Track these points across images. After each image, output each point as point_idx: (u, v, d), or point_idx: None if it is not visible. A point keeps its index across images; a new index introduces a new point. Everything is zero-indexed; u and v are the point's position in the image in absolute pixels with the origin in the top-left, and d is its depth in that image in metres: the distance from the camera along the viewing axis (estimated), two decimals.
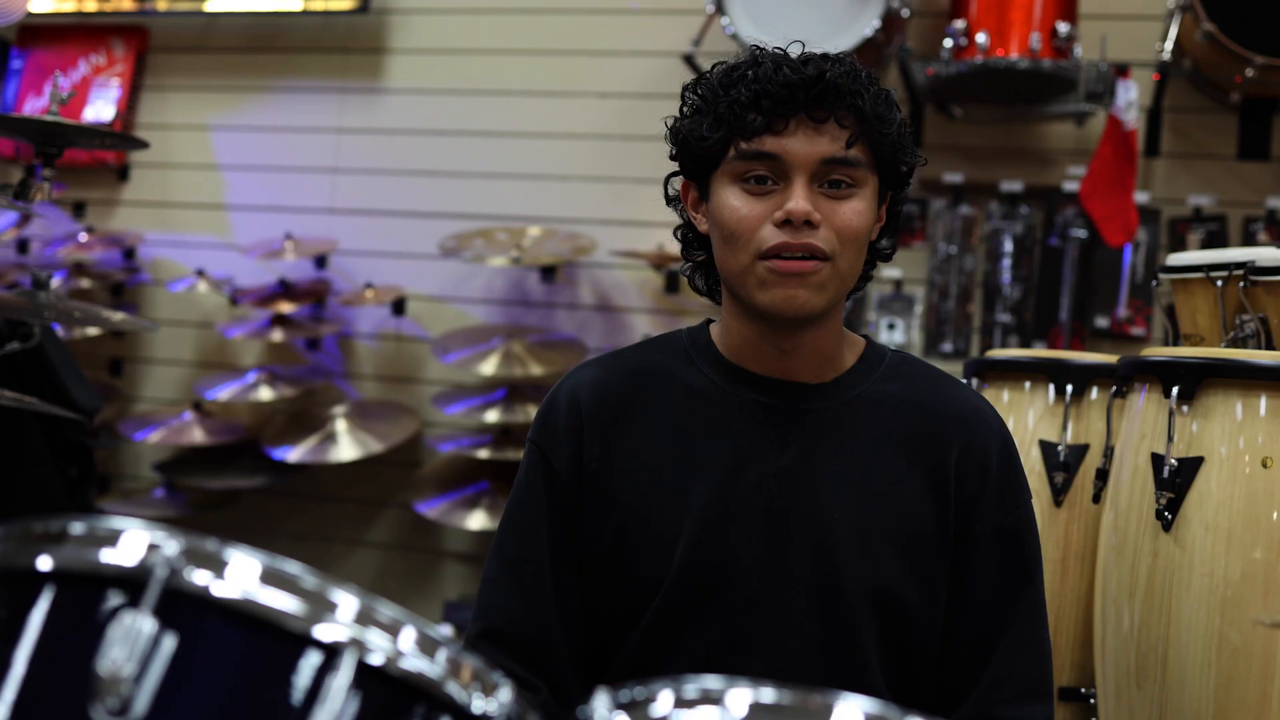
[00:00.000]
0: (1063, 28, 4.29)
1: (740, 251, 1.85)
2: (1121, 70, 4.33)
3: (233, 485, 5.30)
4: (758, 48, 1.91)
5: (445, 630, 4.73)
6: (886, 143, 1.87)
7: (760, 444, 1.92)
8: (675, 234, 2.05)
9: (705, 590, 1.89)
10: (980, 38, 4.30)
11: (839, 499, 1.90)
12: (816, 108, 1.82)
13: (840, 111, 1.83)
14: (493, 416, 4.87)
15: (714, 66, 1.94)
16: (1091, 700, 2.90)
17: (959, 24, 4.36)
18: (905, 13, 4.47)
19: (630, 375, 2.01)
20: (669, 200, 2.05)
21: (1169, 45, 4.26)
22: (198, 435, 5.22)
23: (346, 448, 5.04)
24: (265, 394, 5.14)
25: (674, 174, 2.02)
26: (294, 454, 5.03)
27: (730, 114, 1.84)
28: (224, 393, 5.18)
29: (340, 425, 5.09)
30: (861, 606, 1.88)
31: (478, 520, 4.84)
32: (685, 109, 1.94)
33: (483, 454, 4.87)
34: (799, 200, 1.81)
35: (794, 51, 1.89)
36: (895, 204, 1.98)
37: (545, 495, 1.97)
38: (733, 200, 1.86)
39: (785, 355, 1.93)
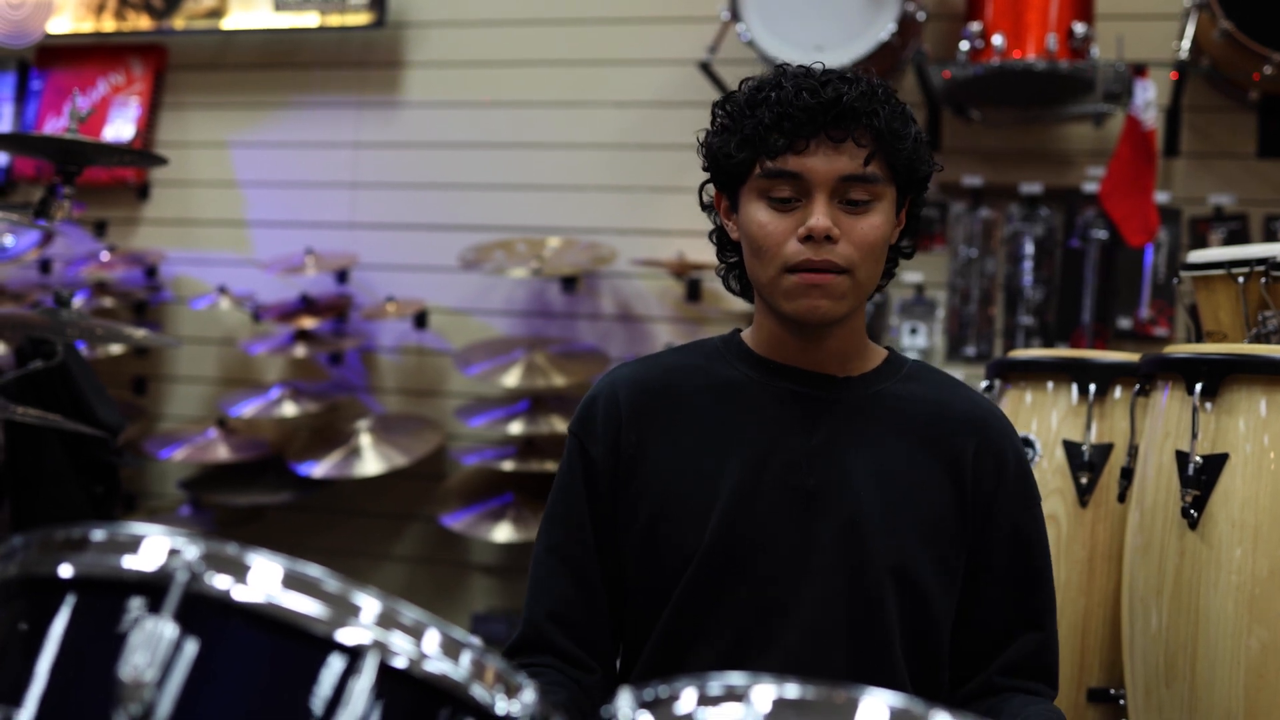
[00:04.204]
0: (1079, 28, 4.28)
1: (768, 265, 1.98)
2: (1139, 70, 4.31)
3: (258, 501, 5.31)
4: (783, 66, 2.04)
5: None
6: (902, 156, 1.97)
7: (790, 427, 2.03)
8: (710, 237, 2.16)
9: (736, 564, 1.99)
10: (996, 40, 4.29)
11: (865, 481, 2.00)
12: (835, 128, 1.93)
13: (858, 131, 1.94)
14: (516, 428, 4.87)
15: (742, 83, 2.05)
16: (1121, 701, 2.89)
17: (975, 26, 4.35)
18: (921, 16, 4.46)
19: (666, 371, 2.13)
20: (704, 207, 2.16)
21: (1186, 44, 4.24)
22: (222, 452, 5.23)
23: (371, 462, 5.04)
24: (289, 410, 5.15)
25: (706, 182, 2.13)
26: (319, 469, 5.03)
27: (755, 135, 1.95)
28: (248, 409, 5.19)
29: (364, 439, 5.10)
30: (885, 582, 1.97)
31: (504, 532, 4.84)
32: (715, 125, 2.05)
33: (507, 466, 4.87)
34: (819, 217, 1.93)
35: (818, 67, 2.01)
36: (914, 206, 2.09)
37: (584, 482, 2.09)
38: (759, 216, 1.98)
39: (812, 350, 2.05)
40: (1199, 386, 2.47)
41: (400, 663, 1.25)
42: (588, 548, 2.06)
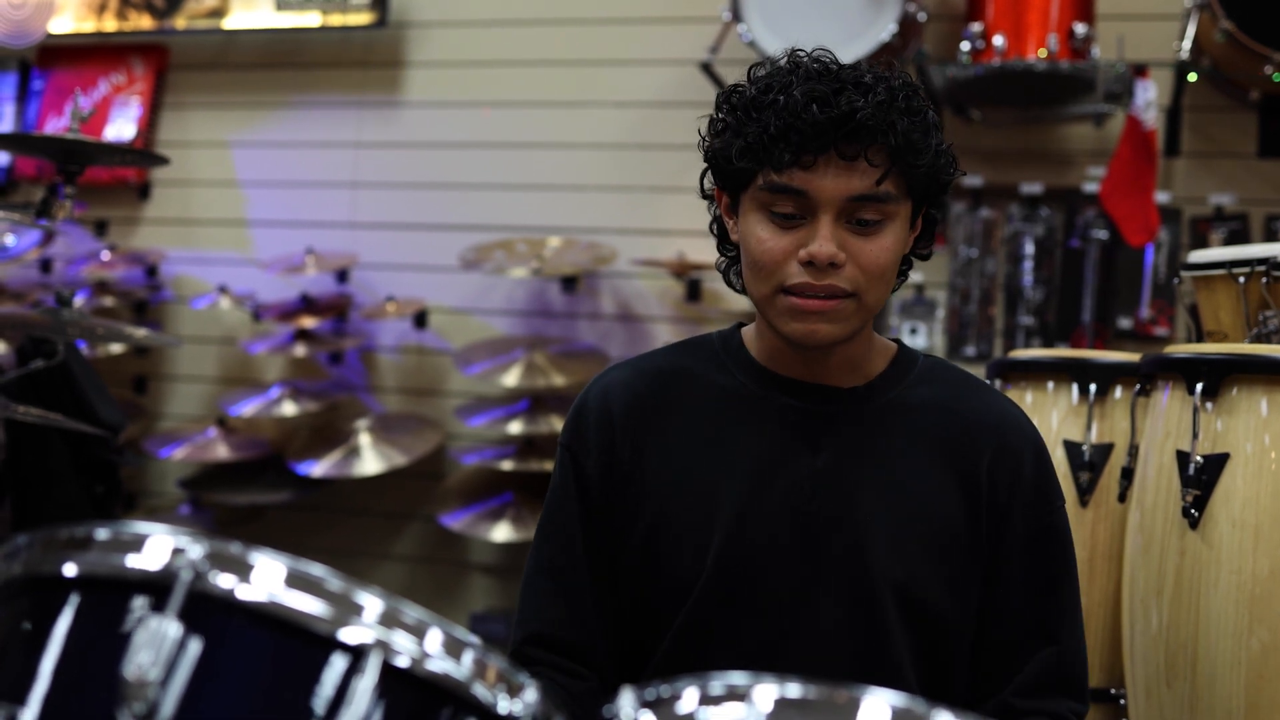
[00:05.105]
0: (1080, 29, 4.27)
1: (764, 283, 1.85)
2: (1140, 70, 4.31)
3: (258, 501, 5.31)
4: (797, 56, 1.87)
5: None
6: (919, 172, 1.83)
7: (793, 447, 1.92)
8: (711, 229, 2.02)
9: (739, 591, 1.90)
10: (997, 40, 4.29)
11: (872, 502, 1.90)
12: (846, 145, 1.77)
13: (871, 148, 1.78)
14: (516, 428, 4.87)
15: (751, 70, 1.90)
16: (1121, 701, 2.89)
17: (976, 27, 4.35)
18: (921, 16, 4.46)
19: (661, 377, 2.01)
20: (704, 195, 2.02)
21: (1187, 44, 4.24)
22: (222, 451, 5.23)
23: (370, 461, 5.04)
24: (289, 409, 5.15)
25: (707, 170, 1.97)
26: (318, 468, 5.03)
27: (759, 144, 1.79)
28: (248, 408, 5.19)
29: (364, 439, 5.09)
30: (891, 607, 1.88)
31: (503, 532, 4.83)
32: (717, 121, 1.90)
33: (506, 465, 4.87)
34: (823, 243, 1.79)
35: (833, 65, 1.85)
36: (933, 209, 1.96)
37: (578, 498, 1.99)
38: (759, 230, 1.84)
39: (815, 363, 1.94)
40: (1199, 386, 2.47)
41: (403, 662, 1.25)
42: (580, 563, 1.97)
